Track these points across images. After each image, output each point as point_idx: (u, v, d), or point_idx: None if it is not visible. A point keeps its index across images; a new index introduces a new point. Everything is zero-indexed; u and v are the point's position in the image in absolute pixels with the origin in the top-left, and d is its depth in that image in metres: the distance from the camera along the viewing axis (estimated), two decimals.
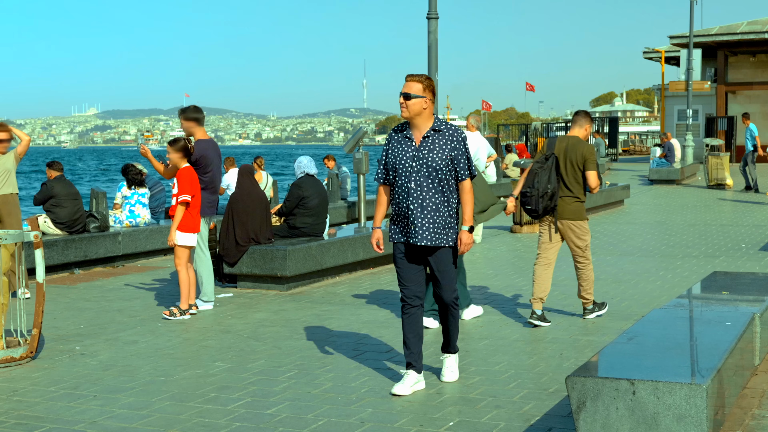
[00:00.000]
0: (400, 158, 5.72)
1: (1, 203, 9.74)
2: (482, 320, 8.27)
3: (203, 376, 6.43)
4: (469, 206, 5.76)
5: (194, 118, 8.89)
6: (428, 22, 13.50)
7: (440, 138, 5.71)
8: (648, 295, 9.43)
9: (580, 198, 7.95)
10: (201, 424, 5.33)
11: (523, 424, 5.23)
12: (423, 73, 5.77)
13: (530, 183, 7.87)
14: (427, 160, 5.65)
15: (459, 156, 5.71)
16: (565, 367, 6.49)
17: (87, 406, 5.74)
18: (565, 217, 7.93)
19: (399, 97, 5.73)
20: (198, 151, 8.74)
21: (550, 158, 7.87)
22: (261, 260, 9.94)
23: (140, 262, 12.58)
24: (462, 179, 5.74)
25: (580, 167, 7.88)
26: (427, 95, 5.69)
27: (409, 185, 5.67)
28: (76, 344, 7.52)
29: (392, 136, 5.84)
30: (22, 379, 6.42)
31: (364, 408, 5.58)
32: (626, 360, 4.65)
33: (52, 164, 11.46)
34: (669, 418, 4.14)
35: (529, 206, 7.92)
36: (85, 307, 9.26)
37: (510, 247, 13.74)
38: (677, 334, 5.25)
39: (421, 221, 5.66)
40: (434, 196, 5.67)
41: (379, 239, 5.92)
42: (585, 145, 7.94)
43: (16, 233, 6.96)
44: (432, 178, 5.66)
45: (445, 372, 6.15)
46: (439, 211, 5.68)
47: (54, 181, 11.32)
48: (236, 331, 7.97)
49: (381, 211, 5.95)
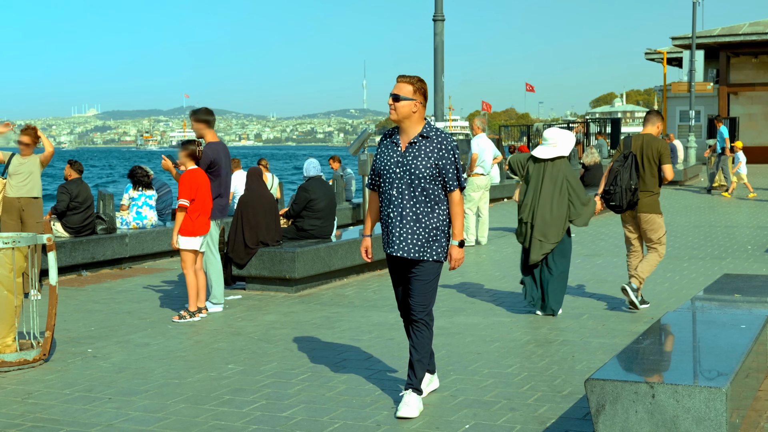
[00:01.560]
0: (385, 163, 5.46)
1: (24, 205, 9.81)
2: (492, 322, 8.28)
3: (216, 378, 6.44)
4: (459, 219, 5.44)
5: (205, 120, 8.91)
6: (434, 24, 13.52)
7: (427, 145, 5.39)
8: (656, 297, 9.43)
9: (654, 191, 8.62)
10: (217, 426, 5.34)
11: (538, 426, 5.24)
12: (416, 75, 5.49)
13: (612, 180, 8.50)
14: (410, 167, 5.35)
15: (447, 165, 5.37)
16: (577, 370, 6.51)
17: (102, 408, 5.76)
18: (642, 210, 8.60)
19: (388, 97, 5.47)
20: (210, 154, 8.76)
21: (629, 156, 8.50)
22: (270, 262, 9.95)
23: (147, 263, 12.59)
24: (451, 190, 5.42)
25: (655, 162, 8.53)
26: (418, 98, 5.40)
27: (391, 192, 5.41)
28: (87, 346, 7.54)
29: (382, 141, 5.61)
30: (36, 382, 6.43)
31: (380, 410, 5.60)
32: (644, 363, 4.67)
33: (73, 163, 11.48)
34: (688, 421, 4.16)
35: (613, 202, 8.54)
36: (95, 309, 9.27)
37: (516, 249, 13.73)
38: (693, 337, 5.26)
39: (399, 231, 5.38)
40: (415, 206, 5.36)
41: (367, 247, 5.70)
42: (659, 141, 8.61)
43: (29, 236, 6.97)
44: (414, 186, 5.36)
45: (401, 407, 5.44)
46: (421, 222, 5.36)
47: (72, 184, 11.31)
48: (247, 333, 7.99)
49: (371, 218, 5.73)
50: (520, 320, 8.37)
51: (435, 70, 13.56)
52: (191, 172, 8.66)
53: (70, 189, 11.25)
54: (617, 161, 8.56)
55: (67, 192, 11.22)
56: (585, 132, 33.41)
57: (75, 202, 11.35)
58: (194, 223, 8.62)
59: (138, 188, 12.80)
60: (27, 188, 9.87)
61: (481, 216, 14.26)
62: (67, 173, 11.54)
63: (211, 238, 8.95)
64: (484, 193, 14.27)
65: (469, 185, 14.15)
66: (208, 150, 8.79)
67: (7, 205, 9.91)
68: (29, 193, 9.88)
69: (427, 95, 5.50)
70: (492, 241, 14.65)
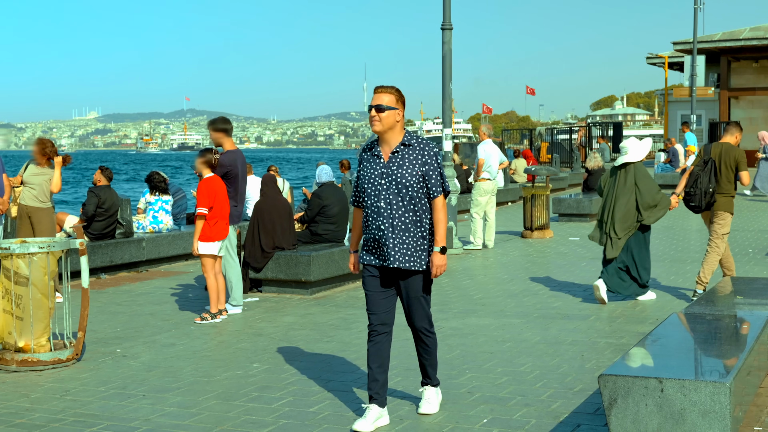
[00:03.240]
0: (369, 176, 5.41)
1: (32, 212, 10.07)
2: (503, 323, 8.60)
3: (243, 376, 6.76)
4: (441, 225, 5.41)
5: (223, 129, 9.24)
6: (442, 33, 13.83)
7: (410, 153, 5.37)
8: (660, 299, 9.75)
9: (730, 193, 9.43)
10: (249, 421, 5.66)
11: (552, 421, 5.56)
12: (392, 85, 5.47)
13: (692, 183, 9.39)
14: (396, 176, 5.32)
15: (431, 172, 5.37)
16: (587, 368, 6.83)
17: (138, 404, 6.07)
18: (717, 208, 9.43)
19: (370, 110, 5.38)
20: (227, 162, 9.09)
21: (709, 162, 9.34)
22: (286, 266, 10.27)
23: (163, 267, 12.92)
24: (434, 196, 5.40)
25: (732, 168, 9.36)
26: (399, 107, 5.39)
27: (378, 204, 5.36)
28: (116, 346, 7.86)
29: (362, 156, 5.54)
30: (71, 380, 6.75)
31: (402, 405, 5.92)
32: (653, 360, 4.99)
33: (104, 170, 11.80)
34: (695, 413, 4.47)
35: (692, 203, 9.42)
36: (118, 311, 9.60)
37: (522, 252, 14.08)
38: (698, 336, 5.58)
39: (393, 242, 5.34)
40: (405, 215, 5.35)
41: (355, 263, 5.65)
42: (736, 150, 9.43)
43: (63, 241, 7.30)
44: (402, 195, 5.33)
45: (422, 404, 5.74)
46: (410, 231, 5.36)
47: (101, 190, 11.62)
48: (268, 334, 8.31)
49: (357, 234, 5.66)
50: (530, 321, 8.69)
51: (443, 77, 13.86)
52: (208, 180, 8.97)
53: (99, 194, 11.57)
54: (697, 166, 9.41)
55: (96, 196, 11.55)
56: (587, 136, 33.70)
57: (101, 208, 11.67)
58: (213, 229, 8.93)
59: (154, 193, 13.13)
60: (35, 198, 10.08)
61: (488, 220, 14.58)
62: (96, 178, 11.87)
63: (230, 242, 9.26)
64: (490, 197, 14.59)
65: (476, 190, 14.48)
66: (225, 159, 9.12)
67: (20, 211, 10.19)
68: (35, 202, 10.09)
69: (405, 104, 5.50)
70: (498, 244, 14.97)
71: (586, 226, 17.86)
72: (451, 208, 14.01)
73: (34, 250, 7.04)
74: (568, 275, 11.58)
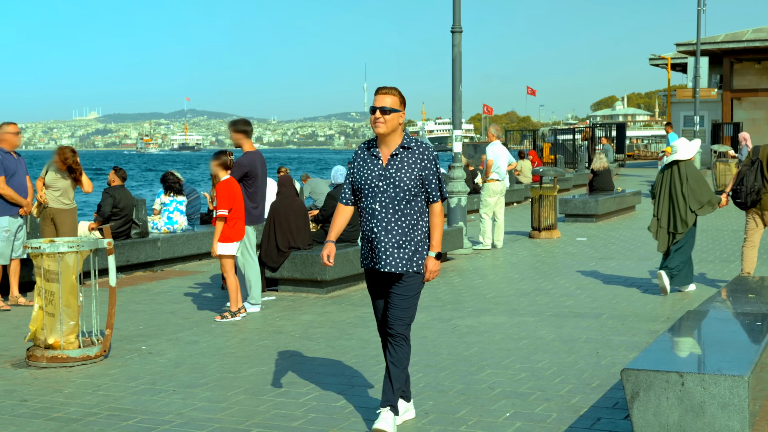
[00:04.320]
0: (366, 177, 5.32)
1: (55, 214, 10.27)
2: (517, 321, 8.79)
3: (268, 372, 6.94)
4: (438, 230, 5.34)
5: (243, 130, 9.43)
6: (452, 36, 14.02)
7: (409, 156, 5.30)
8: (671, 298, 9.94)
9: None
10: (279, 415, 5.84)
11: (573, 415, 5.74)
12: (394, 86, 5.41)
13: (739, 182, 9.97)
14: (394, 179, 5.24)
15: (429, 176, 5.30)
16: (603, 365, 7.01)
17: (169, 399, 6.26)
18: (765, 208, 9.90)
19: (372, 112, 5.30)
20: (247, 163, 9.28)
21: (756, 162, 9.87)
22: (302, 265, 10.46)
23: (178, 266, 13.10)
24: (433, 201, 5.33)
25: None
26: (402, 109, 5.34)
27: (374, 206, 5.27)
28: (140, 344, 8.05)
29: (358, 154, 5.44)
30: (101, 376, 6.94)
31: (425, 400, 6.10)
32: (673, 355, 5.18)
33: (118, 170, 11.99)
34: (714, 406, 4.66)
35: (739, 200, 10.00)
36: (138, 309, 9.78)
37: (531, 252, 14.27)
38: (714, 333, 5.77)
39: (385, 245, 5.25)
40: (400, 219, 5.26)
41: (330, 253, 5.39)
42: None
43: (90, 240, 7.49)
44: (399, 199, 5.25)
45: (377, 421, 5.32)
46: (407, 235, 5.27)
47: (116, 190, 11.80)
48: (288, 331, 8.49)
49: (337, 226, 5.49)
50: (543, 320, 8.87)
51: (453, 80, 14.04)
52: (227, 183, 9.14)
53: (114, 194, 11.77)
54: (745, 165, 9.99)
55: (111, 196, 11.74)
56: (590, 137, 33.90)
57: (116, 208, 11.87)
58: (232, 230, 9.11)
59: (169, 194, 13.31)
60: (59, 200, 10.30)
61: (497, 220, 14.76)
62: (111, 179, 12.06)
63: (249, 242, 9.45)
64: (499, 198, 14.78)
65: (485, 191, 14.67)
66: (244, 159, 9.31)
67: (44, 213, 10.39)
68: (59, 204, 10.31)
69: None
70: (507, 244, 15.16)
71: (593, 226, 18.05)
72: (461, 208, 14.19)
73: (63, 249, 7.23)
74: (577, 275, 11.76)
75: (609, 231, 17.11)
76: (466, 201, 14.44)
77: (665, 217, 10.13)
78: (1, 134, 9.99)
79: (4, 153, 9.93)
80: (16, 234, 9.95)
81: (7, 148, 10.00)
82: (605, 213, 19.14)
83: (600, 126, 39.85)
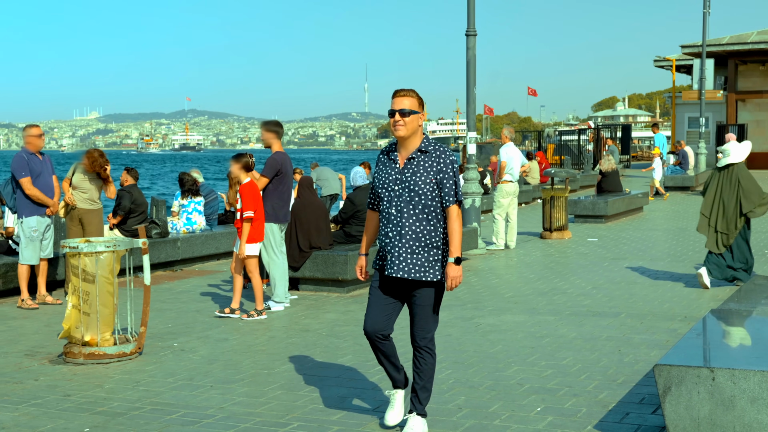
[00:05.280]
0: (383, 181, 5.29)
1: (83, 214, 10.49)
2: (538, 320, 8.98)
3: (300, 369, 7.14)
4: (456, 235, 5.21)
5: (274, 130, 9.66)
6: (467, 39, 14.22)
7: (426, 159, 5.22)
8: (686, 298, 10.14)
9: None
10: (317, 409, 6.04)
11: (602, 410, 5.94)
12: (410, 88, 5.37)
13: None
14: (410, 183, 5.17)
15: (446, 180, 5.20)
16: (626, 362, 7.21)
17: (208, 394, 6.46)
18: None
19: (391, 115, 5.26)
20: (279, 161, 9.50)
21: None
22: (323, 265, 10.66)
23: (197, 266, 13.30)
24: (447, 205, 5.22)
25: None
26: (421, 110, 5.27)
27: (390, 211, 5.23)
28: (172, 341, 8.25)
29: (380, 158, 5.42)
30: (138, 372, 7.13)
31: (457, 396, 6.30)
32: (702, 351, 5.38)
33: (130, 170, 12.21)
34: (744, 400, 4.85)
35: None
36: (164, 308, 9.98)
37: (544, 252, 14.47)
38: (740, 330, 5.97)
39: (398, 251, 5.18)
40: (415, 224, 5.18)
41: (362, 266, 5.49)
42: None
43: (126, 240, 7.69)
44: (414, 203, 5.18)
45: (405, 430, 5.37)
46: (421, 241, 5.18)
47: (128, 190, 12.02)
48: (314, 330, 8.69)
49: (368, 237, 5.53)
50: (563, 318, 9.07)
51: (467, 82, 14.24)
52: (250, 185, 9.31)
53: (131, 191, 11.99)
54: None
55: (128, 193, 11.96)
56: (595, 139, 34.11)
57: (133, 204, 12.07)
58: (256, 231, 9.30)
59: (187, 195, 13.52)
60: (87, 201, 10.54)
61: (510, 221, 14.96)
62: (123, 179, 12.28)
63: (275, 240, 9.65)
64: (512, 199, 14.98)
65: (499, 192, 14.88)
66: (276, 158, 9.53)
67: (71, 213, 10.61)
68: (87, 204, 10.54)
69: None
70: (519, 244, 15.36)
71: (602, 227, 18.25)
72: (474, 209, 14.39)
73: (100, 249, 7.43)
74: (592, 275, 11.97)
75: (619, 232, 17.30)
76: (480, 202, 14.64)
77: (715, 217, 10.50)
78: (25, 137, 10.21)
79: (30, 154, 10.14)
80: (44, 234, 10.15)
81: (32, 150, 10.20)
82: (614, 214, 19.34)
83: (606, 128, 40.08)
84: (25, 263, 10.07)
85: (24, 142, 10.20)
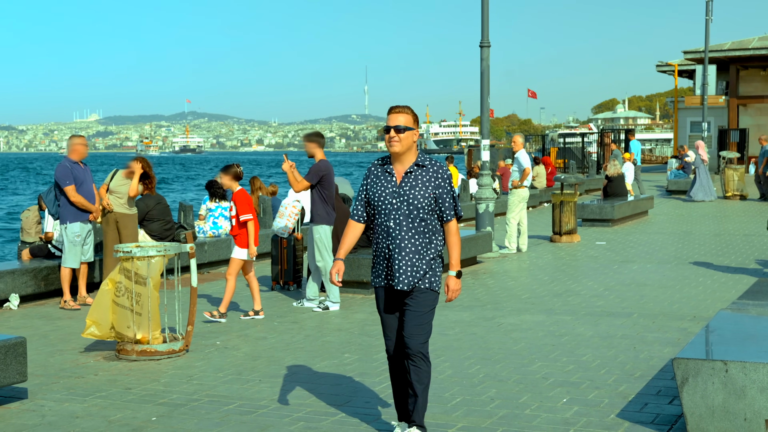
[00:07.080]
0: (380, 195, 5.39)
1: (119, 218, 11.04)
2: (556, 320, 9.54)
3: (339, 365, 7.69)
4: (456, 249, 5.40)
5: (317, 141, 10.32)
6: (481, 50, 14.78)
7: (423, 174, 5.36)
8: (694, 299, 10.70)
9: None
10: (364, 400, 6.58)
11: (622, 400, 6.50)
12: (406, 105, 5.47)
13: None
14: (408, 197, 5.31)
15: (444, 194, 5.35)
16: (641, 358, 7.77)
17: (258, 387, 7.01)
18: None
19: (387, 131, 5.37)
20: (324, 168, 10.13)
21: None
22: (348, 267, 11.20)
23: (222, 269, 13.85)
24: (447, 220, 5.39)
25: None
26: (416, 127, 5.41)
27: (388, 224, 5.35)
28: (214, 340, 8.80)
29: (371, 171, 5.51)
30: (189, 368, 7.69)
31: (488, 389, 6.85)
32: (716, 346, 5.95)
33: None
34: (754, 390, 5.41)
35: None
36: (199, 308, 10.50)
37: (555, 255, 15.02)
38: (748, 328, 6.53)
39: (399, 263, 5.32)
40: (414, 237, 5.32)
41: (339, 270, 5.52)
42: None
43: (175, 245, 8.25)
44: (413, 217, 5.32)
45: None
46: (420, 253, 5.33)
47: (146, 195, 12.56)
48: (346, 329, 9.25)
49: (346, 244, 5.62)
50: (579, 318, 9.63)
51: (482, 92, 14.78)
52: (241, 192, 9.82)
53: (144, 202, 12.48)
54: None
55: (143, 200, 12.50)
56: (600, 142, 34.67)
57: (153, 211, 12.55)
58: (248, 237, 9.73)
59: (214, 200, 14.08)
60: (123, 205, 11.11)
61: (521, 225, 15.51)
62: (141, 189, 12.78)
63: (328, 242, 10.23)
64: (524, 203, 15.53)
65: (514, 196, 15.41)
66: (320, 165, 10.18)
67: (107, 217, 11.17)
68: (123, 209, 11.11)
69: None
70: (530, 248, 15.91)
71: (609, 231, 18.80)
72: (488, 214, 14.94)
73: (152, 253, 7.99)
74: (603, 277, 12.52)
75: (626, 235, 17.86)
76: (494, 206, 15.18)
77: None
78: (71, 145, 10.75)
79: (73, 163, 10.69)
80: (85, 239, 10.71)
81: (76, 159, 10.75)
82: (621, 218, 19.89)
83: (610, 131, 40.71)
84: (67, 266, 10.62)
85: (68, 150, 10.74)
